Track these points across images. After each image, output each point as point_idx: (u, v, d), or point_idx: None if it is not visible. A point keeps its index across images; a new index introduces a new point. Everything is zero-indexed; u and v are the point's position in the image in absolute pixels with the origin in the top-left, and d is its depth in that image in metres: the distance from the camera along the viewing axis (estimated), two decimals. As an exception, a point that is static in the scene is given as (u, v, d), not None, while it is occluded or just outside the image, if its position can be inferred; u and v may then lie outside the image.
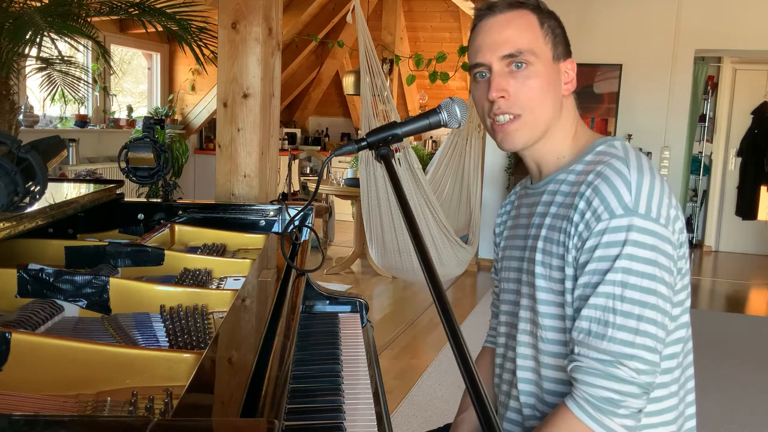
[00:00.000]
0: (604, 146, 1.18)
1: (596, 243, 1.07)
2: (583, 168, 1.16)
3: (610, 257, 1.06)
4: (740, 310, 5.61)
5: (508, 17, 1.17)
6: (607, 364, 1.05)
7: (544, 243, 1.17)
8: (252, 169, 2.49)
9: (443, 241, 4.47)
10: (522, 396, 1.23)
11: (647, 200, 1.07)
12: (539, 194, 1.24)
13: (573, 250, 1.11)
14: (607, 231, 1.06)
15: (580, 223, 1.10)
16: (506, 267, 1.32)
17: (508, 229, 1.36)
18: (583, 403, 1.06)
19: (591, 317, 1.07)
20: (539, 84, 1.16)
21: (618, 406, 1.04)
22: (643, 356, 1.04)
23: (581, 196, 1.11)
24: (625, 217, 1.06)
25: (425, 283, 0.88)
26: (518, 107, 1.17)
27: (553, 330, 1.16)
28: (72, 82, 3.32)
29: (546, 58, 1.17)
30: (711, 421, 3.16)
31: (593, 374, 1.05)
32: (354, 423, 1.14)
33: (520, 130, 1.18)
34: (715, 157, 7.51)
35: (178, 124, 6.72)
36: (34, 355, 0.94)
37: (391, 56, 7.38)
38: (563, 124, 1.21)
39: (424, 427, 2.67)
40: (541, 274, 1.17)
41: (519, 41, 1.15)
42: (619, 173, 1.09)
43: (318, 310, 1.77)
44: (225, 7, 2.45)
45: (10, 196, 1.26)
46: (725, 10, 5.72)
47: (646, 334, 1.05)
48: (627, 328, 1.05)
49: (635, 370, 1.04)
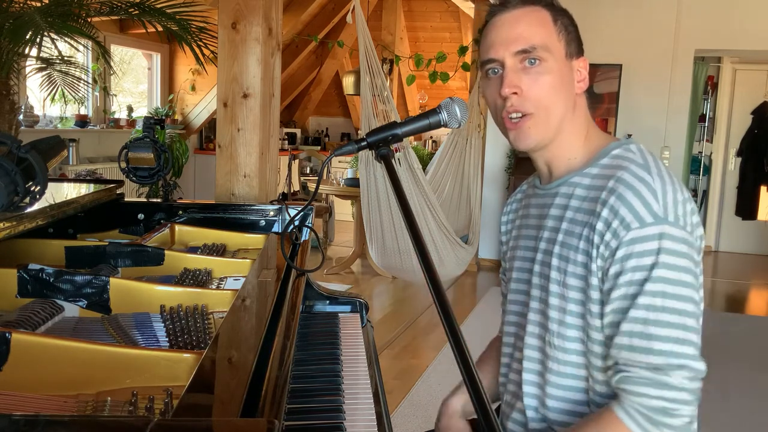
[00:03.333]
0: (621, 150, 1.15)
1: (628, 253, 1.05)
2: (599, 172, 1.15)
3: (645, 267, 1.04)
4: (740, 310, 5.61)
5: (521, 13, 1.16)
6: (658, 373, 1.03)
7: (560, 248, 1.15)
8: (252, 169, 2.49)
9: (443, 241, 4.47)
10: (527, 398, 1.23)
11: (674, 208, 1.06)
12: (551, 196, 1.22)
13: (599, 259, 1.09)
14: (639, 240, 1.05)
15: (606, 231, 1.07)
16: (515, 267, 1.30)
17: (516, 228, 1.34)
18: (635, 414, 1.04)
19: (633, 332, 1.05)
20: (552, 81, 1.14)
21: (672, 415, 1.03)
22: (690, 365, 1.04)
23: (604, 203, 1.09)
24: (656, 225, 1.04)
25: (425, 283, 0.88)
26: (531, 104, 1.15)
27: (561, 337, 1.15)
28: (72, 82, 3.32)
29: (559, 55, 1.16)
30: (710, 421, 3.16)
31: (644, 384, 1.04)
32: (354, 423, 1.15)
33: (533, 128, 1.16)
34: (715, 157, 7.50)
35: (178, 124, 6.72)
36: (34, 355, 0.94)
37: (391, 56, 7.37)
38: (575, 124, 1.20)
39: (424, 427, 2.67)
40: (555, 279, 1.15)
41: (532, 37, 1.14)
42: (642, 180, 1.07)
43: (318, 310, 1.77)
44: (225, 7, 2.45)
45: (10, 196, 1.26)
46: (725, 10, 5.72)
47: (689, 342, 1.04)
48: (671, 339, 1.04)
49: (685, 377, 1.03)
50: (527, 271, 1.25)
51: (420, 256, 0.90)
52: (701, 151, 7.48)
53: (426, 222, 4.32)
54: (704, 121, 7.40)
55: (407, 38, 8.42)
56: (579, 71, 1.19)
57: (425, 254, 0.90)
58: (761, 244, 7.48)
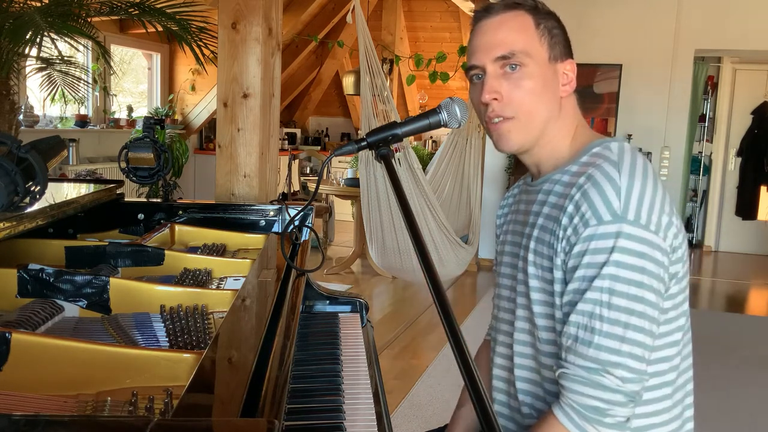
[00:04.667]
0: (600, 148, 1.16)
1: (584, 249, 1.06)
2: (578, 169, 1.15)
3: (597, 264, 1.05)
4: (740, 310, 5.61)
5: (502, 19, 1.16)
6: (592, 372, 1.04)
7: (535, 243, 1.17)
8: (252, 169, 2.49)
9: (443, 241, 4.47)
10: (520, 394, 1.23)
11: (636, 206, 1.06)
12: (536, 192, 1.23)
13: (561, 254, 1.10)
14: (595, 237, 1.06)
15: (569, 226, 1.09)
16: (503, 262, 1.31)
17: (507, 223, 1.35)
18: (569, 410, 1.06)
19: (578, 323, 1.06)
20: (533, 86, 1.15)
21: (604, 414, 1.04)
22: (629, 364, 1.04)
23: (571, 199, 1.10)
24: (614, 223, 1.05)
25: (425, 283, 0.88)
26: (511, 109, 1.16)
27: (547, 330, 1.16)
28: (72, 82, 3.32)
29: (541, 60, 1.15)
30: (710, 421, 3.16)
31: (579, 382, 1.05)
32: (354, 423, 1.15)
33: (513, 131, 1.17)
34: (715, 157, 7.51)
35: (178, 124, 6.72)
36: (34, 355, 0.94)
37: (391, 56, 7.37)
38: (562, 126, 1.20)
39: (424, 427, 2.67)
40: (534, 274, 1.17)
41: (512, 43, 1.14)
42: (609, 177, 1.08)
43: (318, 310, 1.77)
44: (225, 7, 2.45)
45: (10, 196, 1.26)
46: (725, 10, 5.72)
47: (632, 342, 1.04)
48: (613, 335, 1.04)
49: (621, 378, 1.04)
50: (513, 266, 1.26)
51: (420, 256, 0.91)
52: (701, 151, 7.48)
53: (426, 222, 4.32)
54: (704, 121, 7.40)
55: (407, 38, 8.42)
56: (565, 74, 1.19)
57: (425, 254, 0.90)
58: (761, 244, 7.48)
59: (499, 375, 1.30)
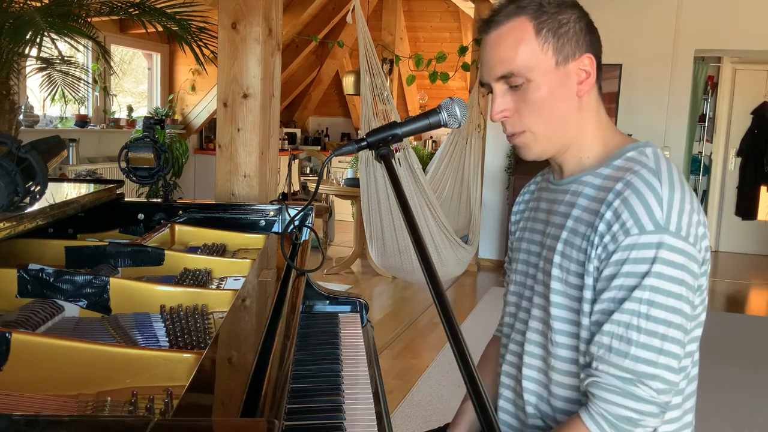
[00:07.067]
0: (635, 152, 1.14)
1: (624, 257, 1.05)
2: (611, 173, 1.13)
3: (638, 274, 1.04)
4: (740, 310, 5.61)
5: (501, 33, 1.13)
6: (627, 383, 1.04)
7: (564, 246, 1.15)
8: (252, 169, 2.49)
9: (443, 241, 4.47)
10: (525, 394, 1.22)
11: (678, 218, 1.04)
12: (562, 192, 1.21)
13: (595, 260, 1.08)
14: (636, 246, 1.04)
15: (606, 234, 1.07)
16: (520, 259, 1.29)
17: (524, 219, 1.33)
18: (599, 419, 1.05)
19: (613, 333, 1.05)
20: (541, 98, 1.12)
21: (636, 425, 1.04)
22: (665, 376, 1.03)
23: (608, 205, 1.08)
24: (656, 234, 1.03)
25: (425, 283, 0.88)
26: (522, 124, 1.15)
27: (563, 334, 1.15)
28: (72, 82, 3.32)
29: (546, 69, 1.12)
30: (710, 421, 3.16)
31: (613, 391, 1.04)
32: (354, 423, 1.15)
33: (529, 143, 1.16)
34: (714, 157, 7.51)
35: (178, 124, 6.72)
36: (34, 355, 0.94)
37: (391, 56, 7.37)
38: (583, 124, 1.17)
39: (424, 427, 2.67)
40: (557, 276, 1.15)
41: (510, 61, 1.12)
42: (650, 186, 1.06)
43: (318, 310, 1.77)
44: (225, 7, 2.44)
45: (10, 196, 1.26)
46: (725, 10, 5.72)
47: (669, 354, 1.04)
48: (651, 347, 1.03)
49: (656, 390, 1.03)
50: (532, 265, 1.24)
51: (420, 256, 0.90)
52: (701, 151, 7.48)
53: (426, 222, 4.32)
54: (704, 121, 7.40)
55: (407, 38, 8.42)
56: (580, 72, 1.15)
57: (425, 254, 0.90)
58: (761, 244, 7.48)
59: (507, 371, 1.29)
